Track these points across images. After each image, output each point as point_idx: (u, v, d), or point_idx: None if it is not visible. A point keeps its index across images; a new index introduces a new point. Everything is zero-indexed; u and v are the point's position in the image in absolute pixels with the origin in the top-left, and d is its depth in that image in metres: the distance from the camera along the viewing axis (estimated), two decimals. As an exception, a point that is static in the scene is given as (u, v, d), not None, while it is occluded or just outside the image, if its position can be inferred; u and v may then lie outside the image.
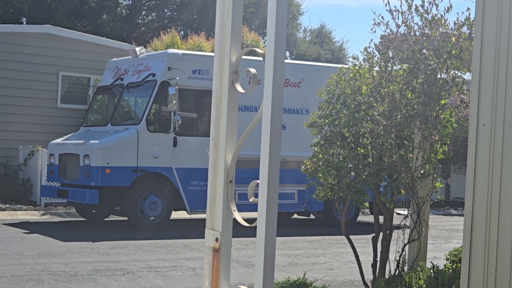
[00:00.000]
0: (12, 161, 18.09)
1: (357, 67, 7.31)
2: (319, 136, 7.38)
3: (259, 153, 2.94)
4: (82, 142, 14.55)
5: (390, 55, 7.11)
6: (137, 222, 14.22)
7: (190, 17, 36.41)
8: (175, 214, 15.86)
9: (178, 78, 14.32)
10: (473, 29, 6.39)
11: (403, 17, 7.02)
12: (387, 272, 7.34)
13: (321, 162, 7.26)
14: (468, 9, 6.93)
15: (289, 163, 14.76)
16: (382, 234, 7.44)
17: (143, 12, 38.48)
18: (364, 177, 7.01)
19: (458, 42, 6.84)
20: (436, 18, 6.99)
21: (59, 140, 15.69)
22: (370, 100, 7.07)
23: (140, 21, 38.39)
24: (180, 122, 14.35)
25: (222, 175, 3.17)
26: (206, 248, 3.20)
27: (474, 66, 5.01)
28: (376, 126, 7.04)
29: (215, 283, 3.15)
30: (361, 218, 17.38)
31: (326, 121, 7.29)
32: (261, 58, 3.06)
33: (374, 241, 7.54)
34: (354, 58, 7.41)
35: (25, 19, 31.62)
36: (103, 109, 16.87)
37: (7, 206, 16.52)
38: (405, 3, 6.97)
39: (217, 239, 3.15)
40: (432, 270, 7.02)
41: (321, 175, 7.22)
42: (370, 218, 16.83)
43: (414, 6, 6.98)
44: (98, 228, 14.54)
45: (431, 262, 7.44)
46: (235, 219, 3.21)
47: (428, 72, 6.90)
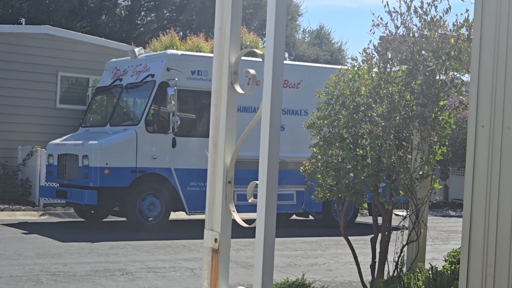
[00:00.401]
0: (11, 161, 18.08)
1: (356, 68, 7.31)
2: (318, 137, 7.39)
3: (258, 153, 2.95)
4: (81, 142, 14.55)
5: (389, 56, 7.11)
6: (136, 223, 14.21)
7: (189, 18, 36.41)
8: (174, 215, 15.85)
9: (177, 79, 14.32)
10: (472, 30, 6.40)
11: (402, 18, 7.02)
12: (386, 273, 7.34)
13: (320, 163, 7.26)
14: (467, 10, 6.94)
15: (287, 164, 14.76)
16: (380, 235, 7.44)
17: (142, 13, 38.48)
18: (363, 178, 7.01)
19: (457, 44, 6.85)
20: (435, 19, 7.00)
21: (58, 140, 15.68)
22: (369, 101, 7.07)
23: (139, 21, 38.38)
24: (179, 122, 14.36)
25: (221, 176, 3.17)
26: (205, 248, 3.20)
27: (473, 68, 5.01)
28: (375, 127, 7.04)
29: (214, 284, 3.15)
30: (359, 219, 17.39)
31: (325, 122, 7.29)
32: (260, 59, 3.06)
33: (373, 242, 7.54)
34: (353, 59, 7.41)
35: (24, 20, 31.60)
36: (102, 109, 16.87)
37: (6, 206, 16.51)
38: (404, 5, 6.98)
39: (216, 240, 3.16)
40: (430, 271, 7.02)
41: (320, 176, 7.22)
42: (369, 219, 16.83)
43: (413, 8, 6.98)
44: (97, 228, 14.54)
45: (430, 263, 7.45)
46: (234, 220, 3.21)
47: (427, 73, 6.91)
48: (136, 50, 15.66)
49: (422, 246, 7.49)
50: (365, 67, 7.26)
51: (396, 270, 7.26)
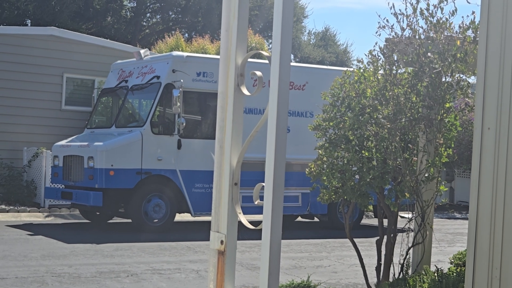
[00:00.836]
0: (16, 162, 18.11)
1: (361, 70, 7.31)
2: (324, 139, 7.39)
3: (264, 155, 2.95)
4: (86, 144, 14.57)
5: (395, 58, 7.11)
6: (141, 224, 14.22)
7: (194, 19, 36.44)
8: (179, 217, 15.85)
9: (182, 81, 14.33)
10: (478, 32, 6.38)
11: (408, 20, 7.02)
12: (391, 275, 7.33)
13: (325, 165, 7.26)
14: (473, 12, 6.94)
15: (293, 166, 14.75)
16: (386, 237, 7.43)
17: (148, 14, 38.52)
18: (368, 180, 7.01)
19: (463, 46, 6.84)
20: (441, 21, 6.99)
21: (63, 142, 15.70)
22: (375, 103, 7.07)
23: (144, 23, 38.43)
24: (184, 124, 14.36)
25: (227, 178, 3.17)
26: (211, 250, 3.20)
27: (479, 70, 5.00)
28: (380, 129, 7.03)
29: (220, 285, 3.15)
30: (365, 221, 17.36)
31: (331, 124, 7.29)
32: (266, 61, 3.06)
33: (378, 244, 7.53)
34: (359, 61, 7.41)
35: (29, 21, 31.67)
36: (108, 111, 16.89)
37: (11, 207, 16.54)
38: (410, 6, 6.98)
39: (222, 242, 3.15)
40: (436, 274, 7.01)
41: (325, 178, 7.22)
42: (374, 221, 16.82)
43: (419, 10, 6.98)
44: (102, 230, 14.55)
45: (435, 266, 7.43)
46: (240, 222, 3.21)
47: (433, 75, 6.90)
48: (141, 51, 15.68)
49: (427, 248, 7.48)
50: (371, 69, 7.26)
51: (401, 272, 7.25)
